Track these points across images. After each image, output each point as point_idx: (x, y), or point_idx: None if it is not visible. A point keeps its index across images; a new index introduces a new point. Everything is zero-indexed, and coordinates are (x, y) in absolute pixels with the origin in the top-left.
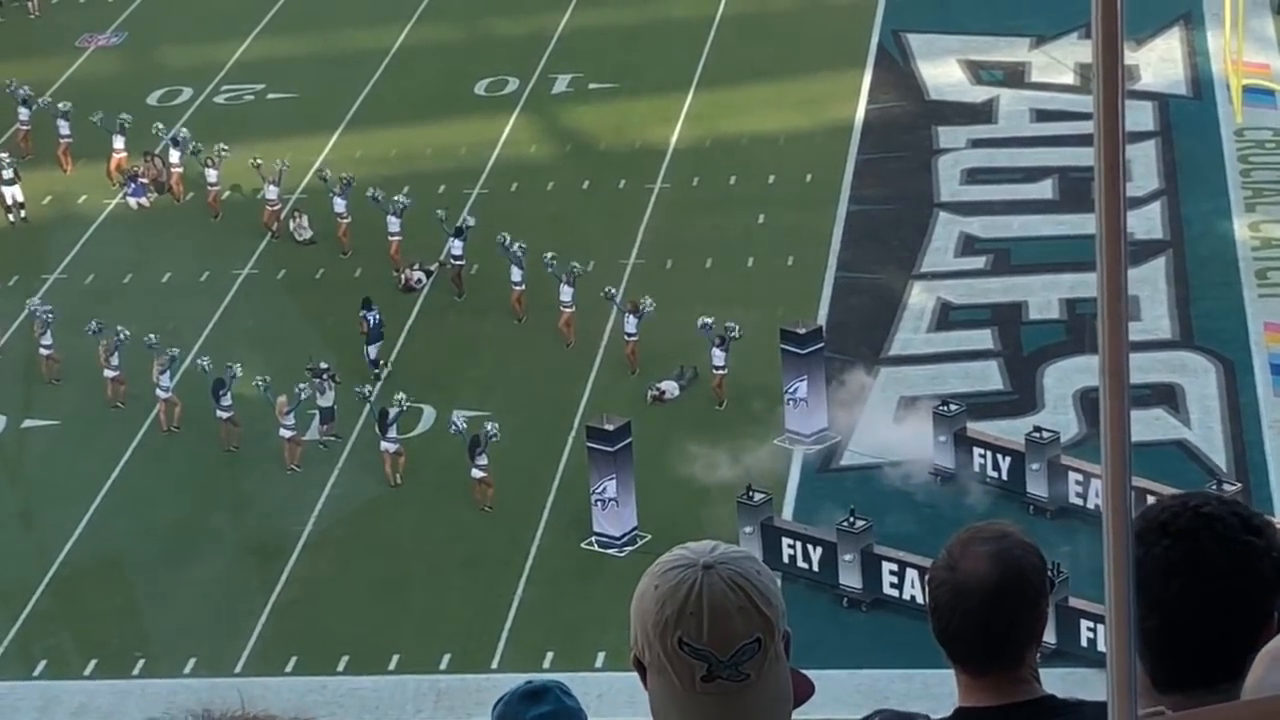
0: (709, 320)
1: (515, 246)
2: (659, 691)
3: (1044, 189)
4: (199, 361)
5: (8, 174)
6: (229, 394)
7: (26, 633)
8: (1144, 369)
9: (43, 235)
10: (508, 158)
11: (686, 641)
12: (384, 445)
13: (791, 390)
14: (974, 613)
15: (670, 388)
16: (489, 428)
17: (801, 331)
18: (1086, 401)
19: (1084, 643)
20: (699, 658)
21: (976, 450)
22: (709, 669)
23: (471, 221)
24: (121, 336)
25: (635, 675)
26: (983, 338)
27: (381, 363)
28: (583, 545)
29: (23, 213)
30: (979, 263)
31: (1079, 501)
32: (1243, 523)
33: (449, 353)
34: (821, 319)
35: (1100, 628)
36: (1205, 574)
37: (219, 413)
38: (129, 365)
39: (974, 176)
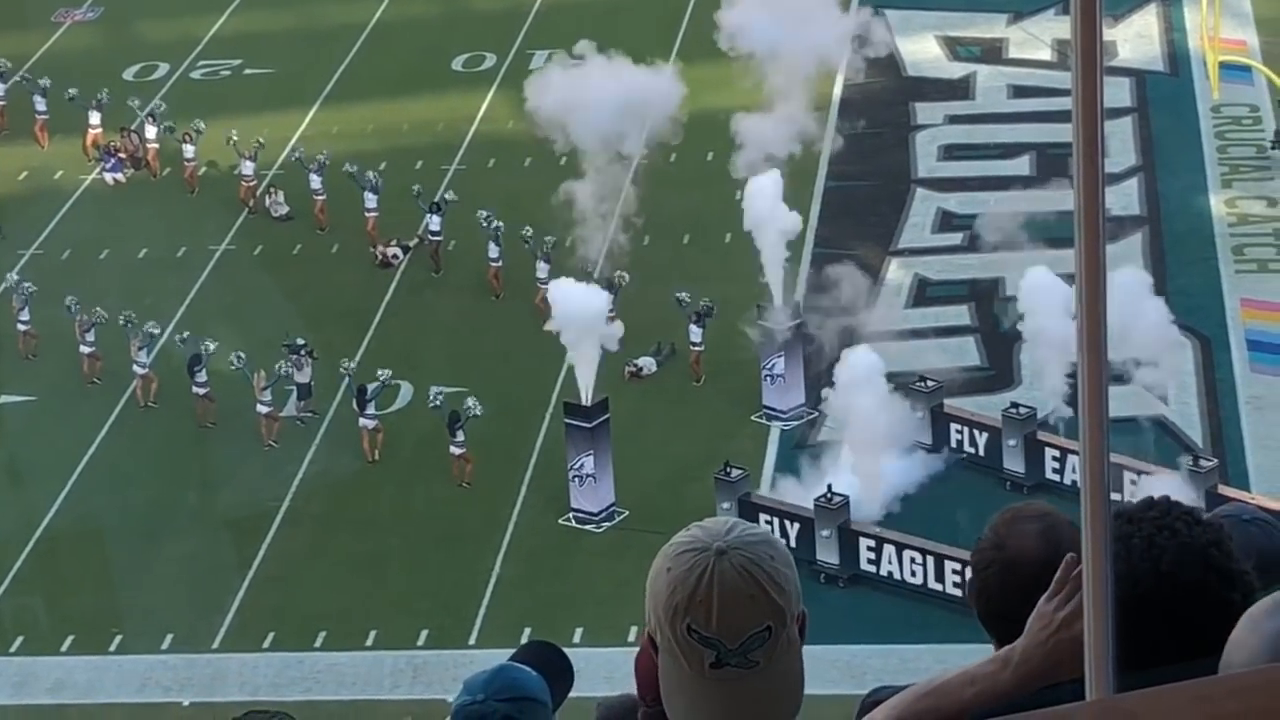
0: (684, 295)
1: (493, 223)
2: (670, 674)
3: (1021, 165)
4: (176, 337)
5: None
6: (205, 370)
7: (2, 609)
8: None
9: (19, 211)
10: (485, 133)
11: (695, 629)
12: (362, 421)
13: (769, 366)
14: (1026, 589)
15: (647, 364)
16: (470, 404)
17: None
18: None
19: None
20: (707, 645)
21: (954, 426)
22: (717, 656)
23: (450, 197)
24: (98, 313)
25: (613, 651)
26: (960, 313)
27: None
28: (560, 521)
29: None
30: (956, 239)
31: (1055, 478)
32: (1201, 544)
33: (426, 329)
34: (799, 296)
35: None
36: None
37: (195, 389)
38: (105, 341)
39: (951, 153)
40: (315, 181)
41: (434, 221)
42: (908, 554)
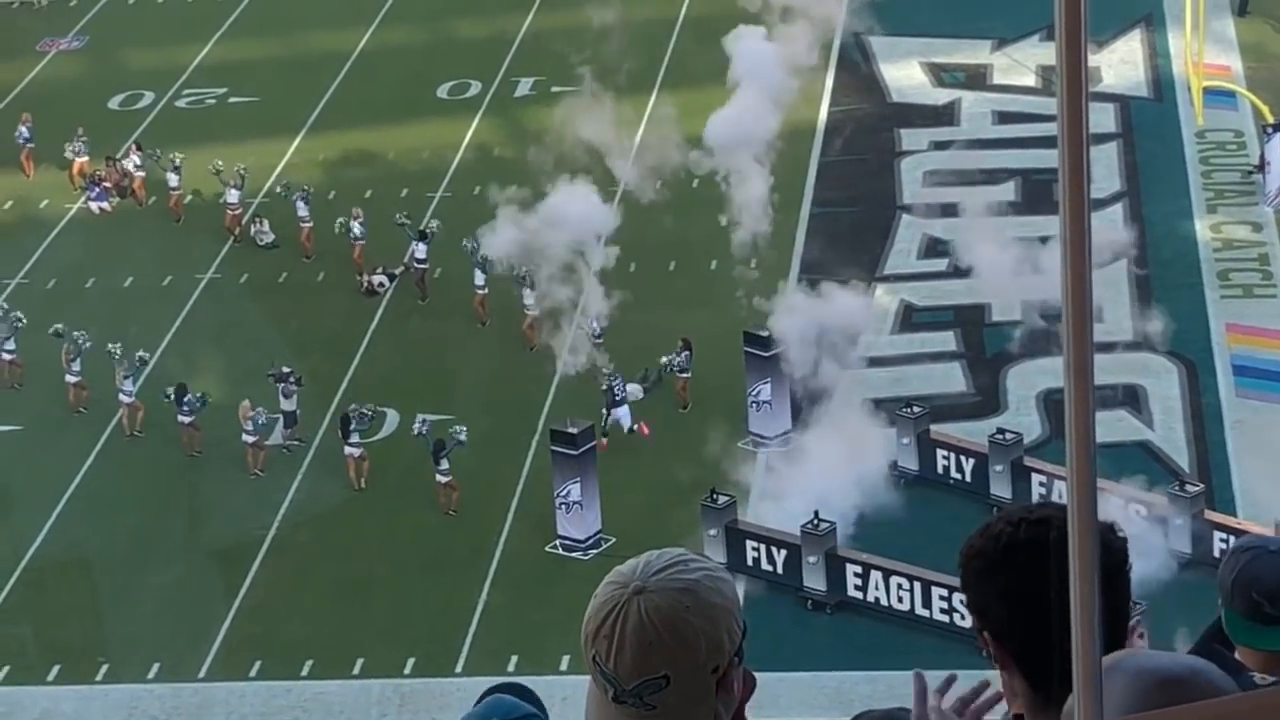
0: (663, 359)
1: (478, 250)
2: (592, 691)
3: (1007, 191)
4: (161, 365)
5: None
6: (190, 398)
7: None
8: (1106, 370)
9: (4, 240)
10: (471, 161)
11: (598, 661)
12: (347, 449)
13: (755, 393)
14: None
15: (634, 390)
16: (455, 431)
17: (764, 334)
18: (1049, 403)
19: None
20: (606, 679)
21: (940, 452)
22: (615, 693)
23: (435, 225)
24: (83, 342)
25: None
26: (946, 340)
27: None
28: (547, 549)
29: None
30: (941, 265)
31: None
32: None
33: (412, 356)
34: (785, 320)
35: None
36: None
37: (181, 418)
38: (91, 370)
39: (936, 178)
40: (301, 209)
41: (420, 249)
42: (895, 580)
